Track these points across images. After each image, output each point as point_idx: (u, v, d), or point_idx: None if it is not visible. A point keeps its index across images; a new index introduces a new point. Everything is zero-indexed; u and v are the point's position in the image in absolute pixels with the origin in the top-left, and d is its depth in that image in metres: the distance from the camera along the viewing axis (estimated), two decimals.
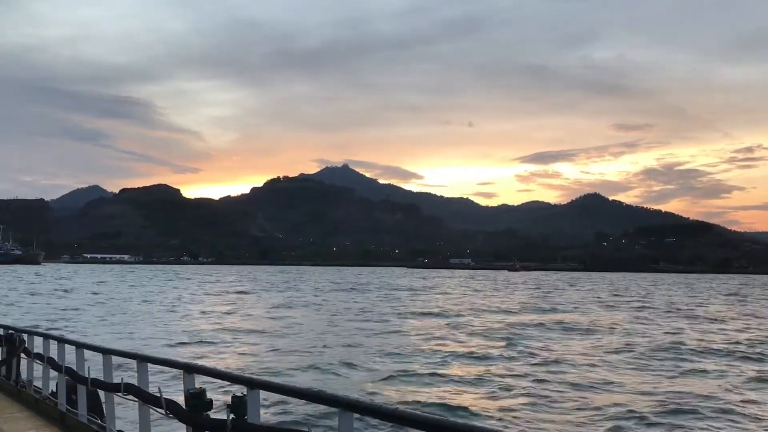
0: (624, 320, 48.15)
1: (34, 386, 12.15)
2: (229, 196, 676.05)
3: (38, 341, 12.01)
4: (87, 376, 9.50)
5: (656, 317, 51.80)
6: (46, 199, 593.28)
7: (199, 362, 14.59)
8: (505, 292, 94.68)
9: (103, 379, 9.06)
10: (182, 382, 6.95)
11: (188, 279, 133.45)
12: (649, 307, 63.59)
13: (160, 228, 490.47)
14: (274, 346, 30.97)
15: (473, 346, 31.51)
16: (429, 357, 27.71)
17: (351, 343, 31.99)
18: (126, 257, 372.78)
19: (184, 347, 30.20)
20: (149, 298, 68.49)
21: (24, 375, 12.67)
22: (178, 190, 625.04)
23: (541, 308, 59.99)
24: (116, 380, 8.63)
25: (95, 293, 75.48)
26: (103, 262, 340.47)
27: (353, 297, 75.31)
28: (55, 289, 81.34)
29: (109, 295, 71.33)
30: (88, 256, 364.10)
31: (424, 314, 51.09)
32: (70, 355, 10.40)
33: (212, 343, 32.14)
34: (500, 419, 16.90)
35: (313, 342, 32.45)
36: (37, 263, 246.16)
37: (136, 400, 7.88)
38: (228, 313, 51.09)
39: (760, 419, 17.56)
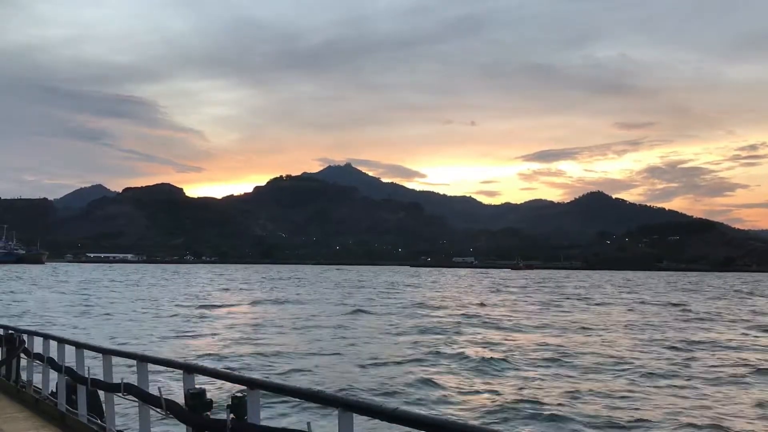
0: None
1: (34, 386, 12.16)
2: (232, 196, 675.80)
3: (38, 341, 12.01)
4: (87, 376, 9.50)
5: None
6: (49, 199, 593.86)
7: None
8: None
9: (102, 379, 9.06)
10: (182, 382, 6.98)
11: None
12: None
13: (163, 227, 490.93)
14: None
15: None
16: None
17: None
18: (129, 257, 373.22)
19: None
20: None
21: (24, 375, 12.68)
22: (181, 190, 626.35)
23: None
24: (116, 380, 8.62)
25: None
26: (107, 261, 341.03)
27: None
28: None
29: None
30: (92, 255, 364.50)
31: None
32: (70, 356, 10.39)
33: None
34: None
35: None
36: (41, 263, 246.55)
37: (136, 400, 7.90)
38: None
39: None
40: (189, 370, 6.99)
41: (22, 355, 12.57)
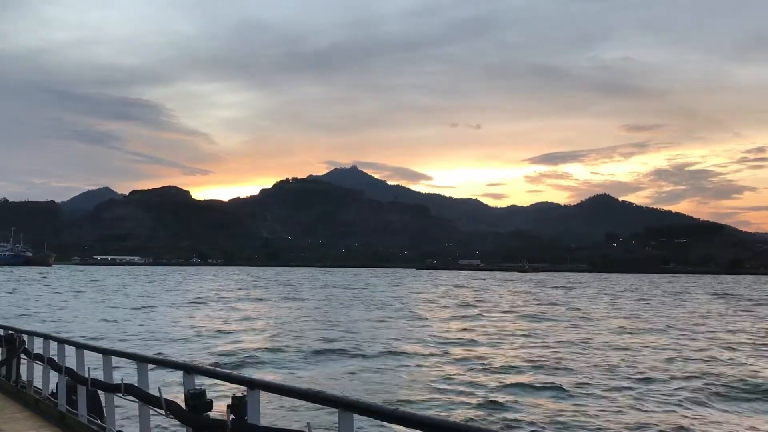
0: None
1: (34, 387, 12.16)
2: (238, 198, 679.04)
3: (38, 342, 12.01)
4: (87, 376, 9.50)
5: None
6: (56, 201, 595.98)
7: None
8: None
9: (103, 380, 9.04)
10: (182, 382, 7.02)
11: None
12: None
13: (170, 229, 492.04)
14: None
15: None
16: None
17: None
18: (136, 259, 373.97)
19: None
20: None
21: (24, 375, 12.67)
22: (188, 192, 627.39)
23: None
24: (116, 380, 8.60)
25: None
26: (113, 263, 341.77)
27: None
28: None
29: None
30: (99, 257, 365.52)
31: None
32: (70, 356, 10.38)
33: None
34: None
35: None
36: (48, 265, 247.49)
37: (136, 400, 7.92)
38: None
39: None
40: (189, 370, 7.01)
41: (23, 355, 12.57)
